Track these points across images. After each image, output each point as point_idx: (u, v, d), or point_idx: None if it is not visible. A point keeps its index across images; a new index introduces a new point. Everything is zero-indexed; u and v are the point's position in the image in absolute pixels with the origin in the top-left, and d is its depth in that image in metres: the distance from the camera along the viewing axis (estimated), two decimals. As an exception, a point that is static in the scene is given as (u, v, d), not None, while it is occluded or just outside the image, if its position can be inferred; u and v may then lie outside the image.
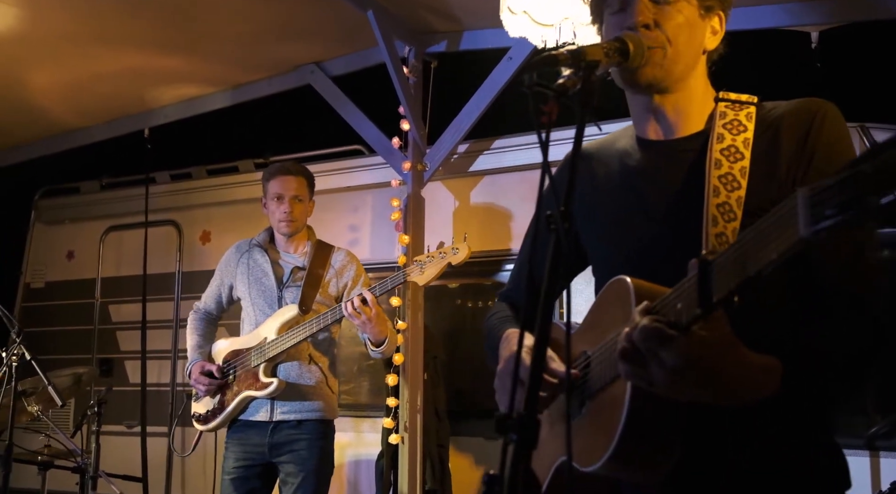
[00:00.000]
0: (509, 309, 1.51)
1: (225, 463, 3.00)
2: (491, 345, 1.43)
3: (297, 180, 3.04)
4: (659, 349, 0.94)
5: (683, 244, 1.17)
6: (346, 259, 3.10)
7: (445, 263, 2.76)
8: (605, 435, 1.06)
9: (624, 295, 1.09)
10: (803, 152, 1.17)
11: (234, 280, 3.14)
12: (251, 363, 2.97)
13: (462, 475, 3.74)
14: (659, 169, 1.28)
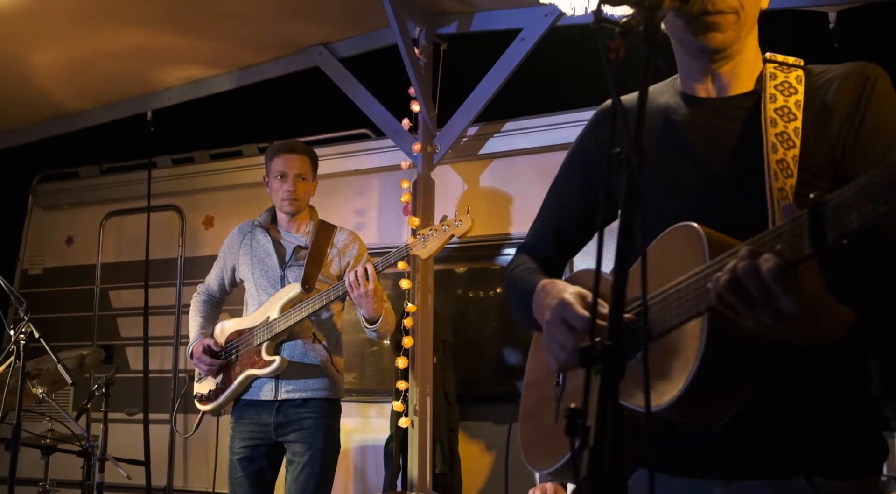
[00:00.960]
0: (533, 261, 1.45)
1: (231, 444, 2.96)
2: (520, 296, 1.37)
3: (301, 159, 3.00)
4: (780, 289, 0.91)
5: (740, 198, 1.19)
6: (348, 239, 3.07)
7: (448, 235, 2.72)
8: (673, 377, 1.03)
9: (694, 241, 1.06)
10: (856, 114, 1.18)
11: (237, 262, 3.10)
12: (254, 343, 2.93)
13: (470, 459, 3.71)
14: (712, 126, 1.27)
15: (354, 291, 2.75)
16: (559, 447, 1.25)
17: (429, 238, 2.74)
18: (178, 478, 4.49)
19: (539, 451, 1.33)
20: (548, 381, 1.35)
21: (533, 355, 1.45)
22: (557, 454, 1.25)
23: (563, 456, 1.24)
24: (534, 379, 1.42)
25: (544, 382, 1.37)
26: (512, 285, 1.43)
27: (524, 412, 1.42)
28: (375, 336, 2.97)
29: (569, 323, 1.15)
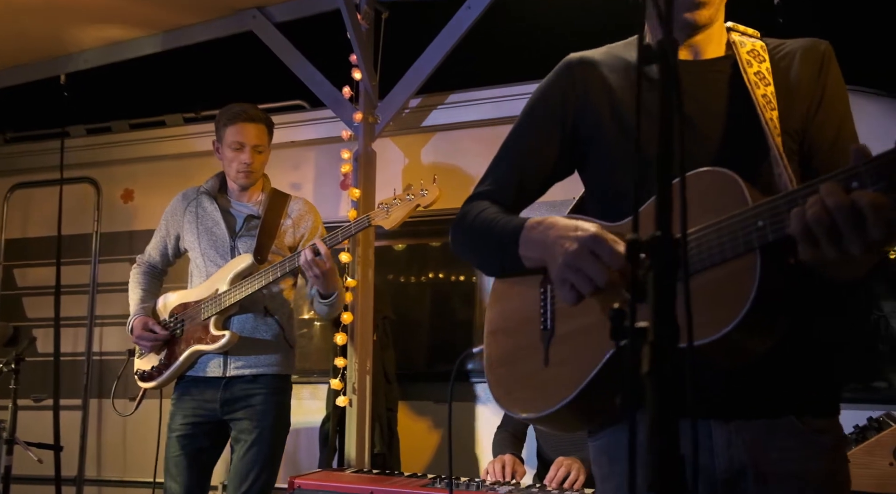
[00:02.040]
0: (495, 206, 1.39)
1: (172, 421, 2.76)
2: (495, 237, 1.32)
3: (259, 129, 2.84)
4: (875, 221, 0.93)
5: (738, 154, 1.22)
6: (303, 209, 2.92)
7: (413, 205, 2.62)
8: (719, 312, 1.02)
9: (730, 185, 1.08)
10: (816, 90, 1.27)
11: (181, 230, 2.90)
12: (201, 317, 2.74)
13: (410, 439, 3.60)
14: (696, 86, 1.29)
15: (310, 271, 2.60)
16: (554, 390, 1.20)
17: (392, 208, 2.62)
18: (90, 468, 4.19)
19: (523, 397, 1.27)
20: (525, 327, 1.30)
21: (498, 301, 1.39)
22: (552, 397, 1.20)
23: (560, 398, 1.18)
24: (502, 326, 1.36)
25: (519, 328, 1.32)
26: (478, 228, 1.36)
27: (492, 360, 1.35)
28: (326, 312, 2.82)
29: (599, 255, 1.12)
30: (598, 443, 1.27)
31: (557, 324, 1.25)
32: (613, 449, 1.23)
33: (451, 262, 3.91)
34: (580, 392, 1.16)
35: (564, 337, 1.23)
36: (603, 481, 1.26)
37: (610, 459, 1.24)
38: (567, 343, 1.22)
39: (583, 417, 1.23)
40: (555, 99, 1.38)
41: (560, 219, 1.23)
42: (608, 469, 1.25)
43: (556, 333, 1.24)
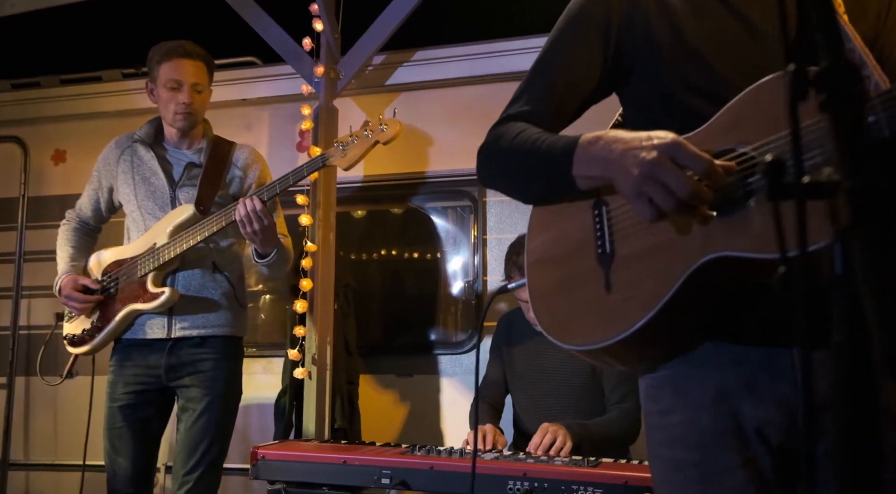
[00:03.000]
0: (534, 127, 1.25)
1: (111, 389, 2.50)
2: (541, 157, 1.18)
3: (196, 65, 2.58)
4: None
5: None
6: (250, 157, 2.68)
7: (372, 142, 2.40)
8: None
9: None
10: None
11: (115, 181, 2.63)
12: (138, 273, 2.49)
13: (371, 414, 3.41)
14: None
15: (243, 228, 2.38)
16: (620, 316, 1.08)
17: (349, 146, 2.41)
18: (16, 451, 3.83)
19: (582, 327, 1.14)
20: (577, 253, 1.17)
21: (541, 229, 1.25)
22: (618, 324, 1.07)
23: (629, 324, 1.06)
24: (549, 255, 1.23)
25: (570, 255, 1.19)
26: (518, 150, 1.22)
27: (539, 292, 1.22)
28: (266, 273, 2.60)
29: (682, 163, 1.00)
30: (660, 375, 1.15)
31: (618, 247, 1.12)
32: (682, 382, 1.12)
33: (413, 229, 3.73)
34: (654, 316, 1.04)
35: (628, 260, 1.10)
36: (663, 414, 1.14)
37: (675, 391, 1.12)
38: (632, 266, 1.09)
39: (651, 345, 1.11)
40: (595, 15, 1.26)
41: (622, 131, 1.10)
42: (671, 402, 1.13)
43: (618, 256, 1.12)
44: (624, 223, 1.12)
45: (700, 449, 1.07)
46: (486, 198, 3.48)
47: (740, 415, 1.07)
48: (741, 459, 1.05)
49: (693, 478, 1.08)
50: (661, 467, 1.14)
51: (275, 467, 2.21)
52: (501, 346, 2.76)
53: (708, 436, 1.07)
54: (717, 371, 1.08)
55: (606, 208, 1.14)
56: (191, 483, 2.44)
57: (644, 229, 1.08)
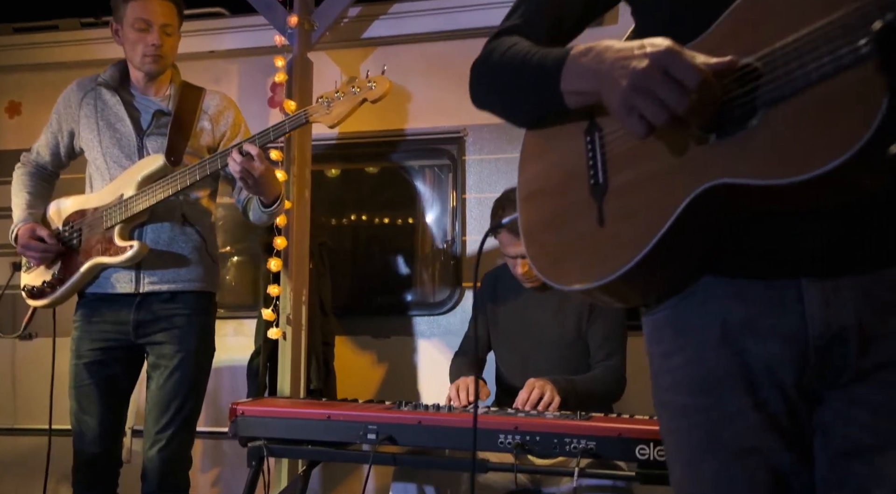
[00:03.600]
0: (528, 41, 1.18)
1: (77, 346, 2.39)
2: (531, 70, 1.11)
3: (166, 6, 2.44)
4: None
5: None
6: (221, 104, 2.56)
7: (359, 99, 2.30)
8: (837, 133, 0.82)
9: None
10: None
11: (77, 126, 2.49)
12: (103, 225, 2.37)
13: (346, 376, 3.34)
14: None
15: (242, 178, 2.27)
16: (615, 251, 1.01)
17: (334, 102, 2.30)
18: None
19: (575, 266, 1.07)
20: (569, 184, 1.10)
21: (532, 159, 1.18)
22: (614, 260, 1.00)
23: (625, 260, 0.99)
24: (540, 188, 1.15)
25: (562, 187, 1.11)
26: (508, 64, 1.15)
27: (531, 228, 1.15)
28: (265, 221, 2.51)
29: (676, 75, 0.90)
30: (661, 316, 1.08)
31: (611, 176, 1.04)
32: (682, 322, 1.04)
33: (390, 188, 3.64)
34: (649, 252, 0.96)
35: (621, 190, 1.03)
36: (665, 357, 1.07)
37: (676, 332, 1.05)
38: (626, 197, 1.02)
39: (649, 281, 1.04)
40: None
41: (615, 41, 1.02)
42: (672, 344, 1.05)
43: (611, 186, 1.04)
44: (618, 150, 1.04)
45: (705, 393, 1.01)
46: (466, 157, 3.40)
47: (747, 355, 0.99)
48: (751, 401, 0.98)
49: (699, 424, 1.01)
50: (666, 413, 1.07)
51: (254, 423, 2.13)
52: (486, 302, 2.71)
53: (713, 379, 1.00)
54: (719, 308, 1.01)
55: (600, 133, 1.06)
56: (163, 441, 2.35)
57: (638, 156, 1.01)
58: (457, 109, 3.41)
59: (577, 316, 2.50)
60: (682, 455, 1.04)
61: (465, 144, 3.40)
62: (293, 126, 2.33)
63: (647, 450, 1.78)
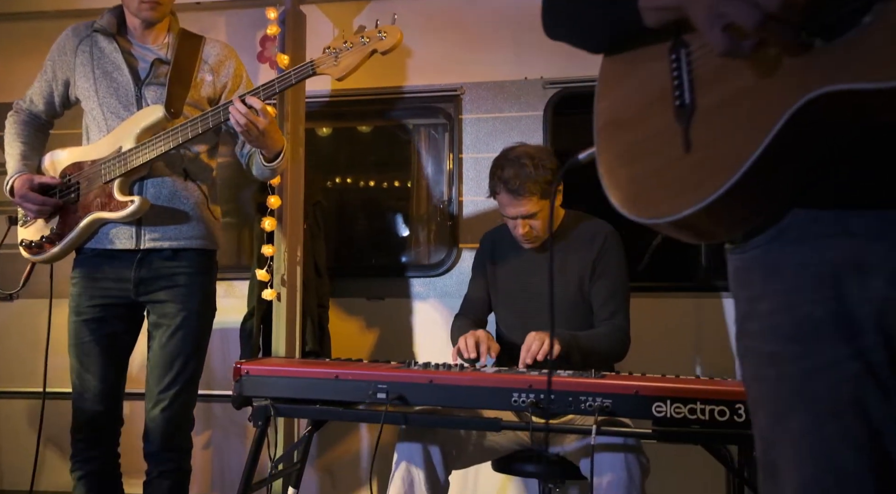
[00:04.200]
0: None
1: (76, 303, 2.32)
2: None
3: None
4: None
5: None
6: (222, 53, 2.48)
7: (369, 50, 2.22)
8: None
9: None
10: None
11: (73, 74, 2.39)
12: (102, 179, 2.28)
13: (340, 338, 3.30)
14: None
15: (244, 131, 2.20)
16: (703, 177, 0.93)
17: (342, 53, 2.21)
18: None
19: (658, 196, 0.99)
20: (651, 110, 1.03)
21: (609, 88, 1.11)
22: (703, 186, 0.92)
23: (717, 185, 0.90)
24: (617, 117, 1.08)
25: (643, 114, 1.04)
26: None
27: (608, 161, 1.07)
28: (269, 175, 2.45)
29: None
30: (750, 255, 1.00)
31: (699, 96, 0.96)
32: (775, 262, 0.97)
33: (381, 147, 3.57)
34: (744, 174, 0.87)
35: (711, 110, 0.95)
36: (753, 301, 1.00)
37: (768, 274, 0.98)
38: (716, 118, 0.94)
39: (739, 212, 0.95)
40: None
41: None
42: (762, 287, 0.99)
43: (699, 107, 0.96)
44: (708, 67, 0.95)
45: (798, 341, 0.93)
46: (463, 115, 3.33)
47: (849, 298, 0.91)
48: (849, 350, 0.90)
49: (790, 375, 0.94)
50: (752, 361, 1.01)
51: (260, 382, 2.08)
52: (485, 263, 2.68)
53: (808, 326, 0.93)
54: (820, 247, 0.93)
55: (686, 50, 0.99)
56: (166, 400, 2.31)
57: (730, 71, 0.92)
58: (454, 67, 3.33)
59: (578, 276, 2.47)
60: (768, 406, 0.98)
61: (461, 103, 3.33)
62: (299, 78, 2.25)
63: (664, 408, 1.77)
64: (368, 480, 3.34)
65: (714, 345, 3.07)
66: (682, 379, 1.94)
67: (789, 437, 0.95)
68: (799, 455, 0.94)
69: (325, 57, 2.23)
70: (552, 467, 2.27)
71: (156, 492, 2.35)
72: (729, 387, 1.78)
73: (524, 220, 2.42)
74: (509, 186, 2.39)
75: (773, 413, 0.98)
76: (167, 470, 2.35)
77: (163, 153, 2.25)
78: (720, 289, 3.09)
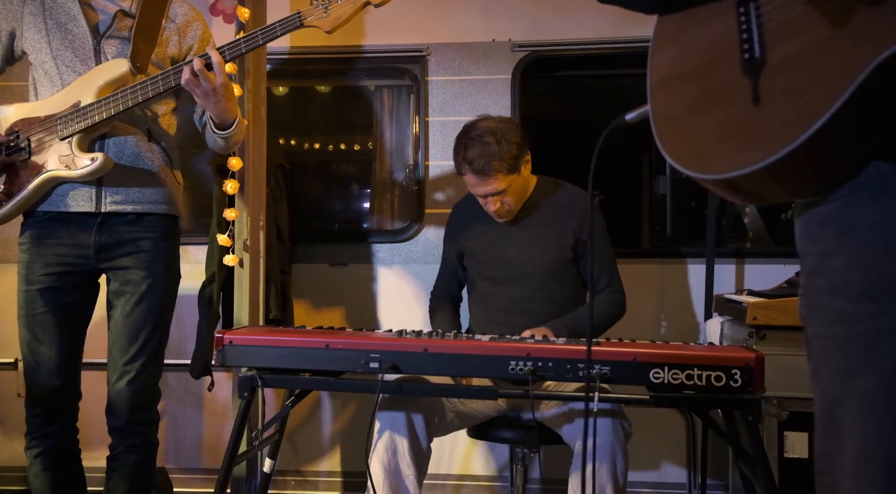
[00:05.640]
0: None
1: (27, 270, 2.16)
2: None
3: None
4: None
5: None
6: (189, 14, 2.33)
7: (362, 2, 2.09)
8: None
9: None
10: None
11: (20, 24, 2.19)
12: (58, 135, 2.11)
13: (304, 305, 3.21)
14: None
15: (197, 88, 2.06)
16: (778, 129, 0.91)
17: (332, 4, 2.09)
18: None
19: (727, 150, 0.97)
20: (715, 64, 1.02)
21: (666, 43, 1.10)
22: (778, 138, 0.90)
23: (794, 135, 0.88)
24: (677, 72, 1.07)
25: (705, 68, 1.03)
26: None
27: (666, 116, 1.06)
28: (221, 147, 2.31)
29: None
30: (823, 210, 0.99)
31: (770, 49, 0.95)
32: (850, 217, 0.95)
33: (341, 108, 3.45)
34: (822, 127, 0.86)
35: (783, 63, 0.94)
36: (823, 256, 0.99)
37: (842, 229, 0.96)
38: (789, 70, 0.93)
39: (814, 168, 0.93)
40: None
41: None
42: (834, 242, 0.97)
43: (770, 60, 0.95)
44: (780, 20, 0.94)
45: (870, 300, 0.92)
46: (429, 77, 3.24)
47: None
48: None
49: (858, 333, 0.93)
50: (818, 317, 1.00)
51: (245, 352, 1.99)
52: (457, 234, 2.64)
53: (883, 284, 0.91)
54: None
55: (755, 3, 0.98)
56: (132, 372, 2.18)
57: (805, 24, 0.91)
58: (419, 26, 3.24)
59: (557, 243, 2.47)
60: (832, 365, 0.98)
61: (427, 64, 3.24)
62: (285, 30, 2.11)
63: (662, 374, 1.79)
64: (330, 448, 3.29)
65: (676, 310, 3.15)
66: (675, 345, 1.96)
67: (854, 397, 0.95)
68: (863, 416, 0.94)
69: (312, 8, 2.10)
70: (529, 433, 2.28)
71: (122, 467, 2.23)
72: (726, 353, 1.82)
73: (494, 197, 2.39)
74: (474, 166, 2.33)
75: (838, 373, 0.97)
76: (134, 445, 2.23)
77: (124, 110, 2.09)
78: (684, 256, 3.16)
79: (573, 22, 3.17)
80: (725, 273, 3.06)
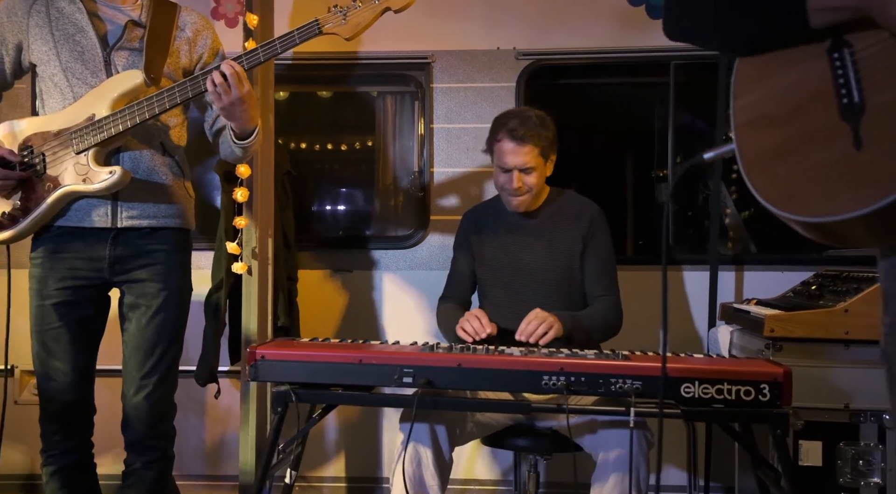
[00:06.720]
0: None
1: (41, 285, 2.13)
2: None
3: None
4: None
5: None
6: (199, 23, 2.30)
7: (381, 8, 2.08)
8: None
9: None
10: None
11: (26, 37, 2.14)
12: (74, 148, 2.07)
13: (309, 312, 3.20)
14: None
15: (223, 99, 2.04)
16: (883, 174, 0.93)
17: (351, 10, 2.08)
18: None
19: (826, 193, 1.00)
20: (809, 108, 1.03)
21: (753, 84, 1.11)
22: (879, 186, 0.93)
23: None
24: (767, 113, 1.09)
25: (798, 112, 1.05)
26: None
27: (757, 157, 1.08)
28: (239, 155, 2.29)
29: None
30: None
31: (869, 95, 0.98)
32: None
33: (344, 114, 3.45)
34: None
35: (886, 109, 0.96)
36: None
37: None
38: (893, 115, 0.96)
39: None
40: None
41: None
42: None
43: (869, 105, 0.98)
44: (878, 67, 0.97)
45: None
46: (434, 84, 3.25)
47: None
48: None
49: None
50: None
51: (277, 367, 1.99)
52: (469, 241, 2.66)
53: None
54: None
55: (850, 49, 1.00)
56: (150, 386, 2.16)
57: None
58: (424, 34, 3.24)
59: (568, 250, 2.50)
60: None
61: (432, 71, 3.25)
62: (304, 38, 2.09)
63: (693, 388, 1.84)
64: (335, 454, 3.30)
65: (675, 318, 3.21)
66: (702, 359, 2.01)
67: None
68: None
69: (332, 15, 2.09)
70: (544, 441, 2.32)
71: (140, 483, 2.21)
72: (754, 367, 1.87)
73: (520, 173, 2.42)
74: (514, 133, 2.39)
75: None
76: (152, 460, 2.21)
77: (141, 122, 2.06)
78: (681, 263, 3.22)
79: (577, 31, 3.21)
80: (725, 281, 3.14)
